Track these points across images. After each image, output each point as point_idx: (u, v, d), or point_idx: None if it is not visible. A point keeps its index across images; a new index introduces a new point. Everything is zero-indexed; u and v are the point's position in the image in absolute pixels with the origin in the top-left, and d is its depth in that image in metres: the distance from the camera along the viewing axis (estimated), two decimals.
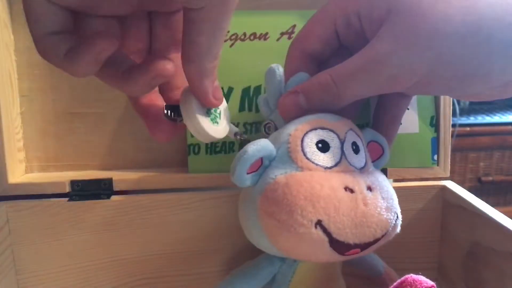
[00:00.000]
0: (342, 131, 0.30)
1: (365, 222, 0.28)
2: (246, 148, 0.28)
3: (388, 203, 0.29)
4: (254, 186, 0.30)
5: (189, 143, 0.44)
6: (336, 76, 0.30)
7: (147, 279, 0.43)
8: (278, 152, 0.30)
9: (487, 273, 0.39)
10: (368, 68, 0.29)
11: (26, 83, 0.43)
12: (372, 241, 0.29)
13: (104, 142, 0.45)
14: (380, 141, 0.34)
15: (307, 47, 0.33)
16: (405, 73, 0.28)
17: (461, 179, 1.37)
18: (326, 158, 0.29)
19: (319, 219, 0.27)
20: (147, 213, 0.42)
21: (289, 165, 0.29)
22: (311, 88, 0.31)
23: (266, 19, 0.44)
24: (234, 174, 0.29)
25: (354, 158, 0.30)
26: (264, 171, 0.30)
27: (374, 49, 0.29)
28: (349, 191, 0.28)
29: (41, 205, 0.41)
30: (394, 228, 0.30)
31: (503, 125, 1.34)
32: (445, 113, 0.46)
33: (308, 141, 0.29)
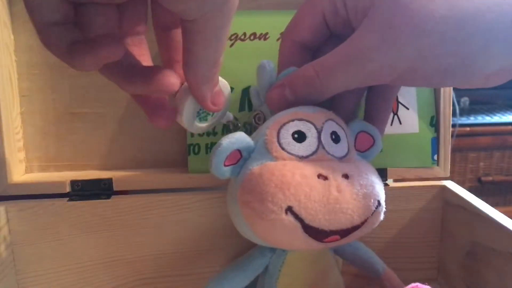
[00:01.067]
0: (319, 121, 0.31)
1: (339, 208, 0.28)
2: (220, 141, 0.30)
3: (367, 189, 0.29)
4: (236, 178, 0.31)
5: (189, 143, 0.44)
6: (319, 69, 0.30)
7: (147, 279, 0.43)
8: (257, 145, 0.31)
9: (487, 273, 0.39)
10: (349, 63, 0.29)
11: (26, 83, 0.43)
12: (350, 228, 0.29)
13: (104, 142, 0.45)
14: (370, 131, 0.34)
15: (298, 37, 0.34)
16: (386, 68, 0.29)
17: (461, 179, 1.37)
18: (302, 148, 0.30)
19: (289, 205, 0.27)
20: (147, 213, 0.42)
21: (265, 156, 0.30)
22: (296, 81, 0.31)
23: (266, 19, 0.44)
24: (211, 167, 0.30)
25: (333, 147, 0.30)
26: (244, 164, 0.31)
27: (355, 43, 0.29)
28: (322, 178, 0.28)
29: (41, 205, 0.41)
30: (376, 215, 0.30)
31: (503, 125, 1.34)
32: (445, 113, 0.46)
33: (284, 132, 0.30)
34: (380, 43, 0.28)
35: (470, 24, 0.27)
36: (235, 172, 0.31)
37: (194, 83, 0.28)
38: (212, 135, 0.43)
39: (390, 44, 0.28)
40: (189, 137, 0.44)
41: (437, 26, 0.27)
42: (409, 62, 0.28)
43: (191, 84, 0.28)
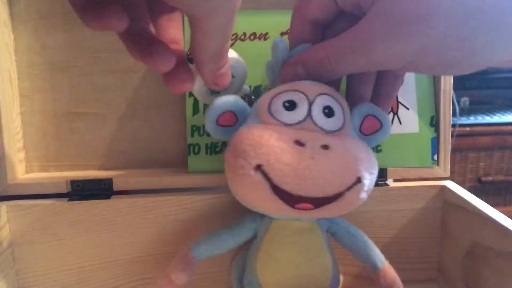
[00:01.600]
0: (313, 93, 0.31)
1: (309, 175, 0.28)
2: (215, 100, 0.32)
3: (348, 165, 0.29)
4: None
5: (189, 143, 0.44)
6: (329, 52, 0.31)
7: (147, 279, 0.43)
8: (252, 111, 0.32)
9: (487, 273, 0.39)
10: (355, 51, 0.30)
11: (26, 83, 0.43)
12: (321, 197, 0.29)
13: (104, 142, 0.45)
14: (378, 115, 0.34)
15: (308, 15, 0.34)
16: (390, 59, 0.29)
17: (461, 179, 1.37)
18: (289, 116, 0.31)
19: (258, 163, 0.28)
20: (147, 213, 0.42)
21: (254, 120, 0.32)
22: (308, 60, 0.32)
23: (266, 19, 0.44)
24: (206, 125, 0.32)
25: (323, 120, 0.31)
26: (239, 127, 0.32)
27: (361, 32, 0.29)
28: (298, 144, 0.29)
29: (41, 205, 0.41)
30: (354, 192, 0.30)
31: (503, 125, 1.34)
32: (445, 113, 0.46)
33: (277, 100, 0.31)
34: (385, 34, 0.28)
35: (474, 19, 0.27)
36: (230, 134, 0.32)
37: (199, 67, 0.29)
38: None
39: (395, 36, 0.28)
40: (189, 137, 0.44)
41: (441, 21, 0.27)
42: (413, 54, 0.28)
43: (197, 66, 0.29)
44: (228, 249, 0.37)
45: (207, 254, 0.36)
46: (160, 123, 0.46)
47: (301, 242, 0.35)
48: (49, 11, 0.42)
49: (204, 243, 0.36)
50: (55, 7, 0.42)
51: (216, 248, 0.36)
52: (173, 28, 0.30)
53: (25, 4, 0.42)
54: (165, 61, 0.26)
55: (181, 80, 0.29)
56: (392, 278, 0.37)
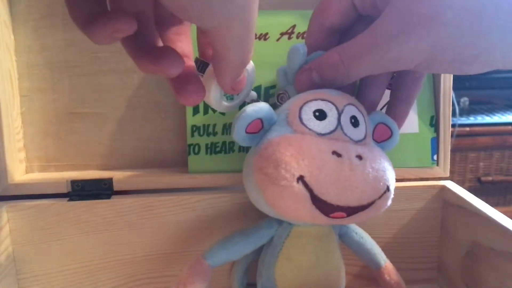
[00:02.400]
0: (341, 104, 0.32)
1: (349, 186, 0.29)
2: (245, 108, 0.31)
3: (378, 173, 0.30)
4: (254, 148, 0.32)
5: (189, 143, 0.44)
6: (343, 55, 0.31)
7: (147, 279, 0.43)
8: (279, 118, 0.32)
9: (487, 273, 0.39)
10: (369, 52, 0.30)
11: (26, 83, 0.43)
12: (356, 206, 0.30)
13: (104, 142, 0.45)
14: (389, 123, 0.35)
15: (326, 21, 0.34)
16: (406, 57, 0.29)
17: (461, 179, 1.37)
18: (321, 125, 0.31)
19: (301, 174, 0.28)
20: (147, 213, 0.42)
21: (285, 128, 0.31)
22: (323, 65, 0.32)
23: (266, 19, 0.44)
24: (233, 132, 0.31)
25: (351, 130, 0.31)
26: (264, 134, 0.32)
27: (375, 32, 0.29)
28: (336, 155, 0.29)
29: (41, 205, 0.41)
30: (383, 200, 0.31)
31: (503, 125, 1.34)
32: (445, 113, 0.46)
33: (306, 109, 0.31)
34: (398, 33, 0.28)
35: (487, 16, 0.27)
36: (254, 141, 0.32)
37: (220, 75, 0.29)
38: (212, 135, 0.43)
39: (408, 34, 0.28)
40: (189, 137, 0.44)
41: (455, 18, 0.27)
42: (426, 52, 0.28)
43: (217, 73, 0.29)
44: (244, 255, 0.36)
45: (222, 261, 0.36)
46: (160, 123, 0.46)
47: (320, 246, 0.36)
48: (49, 11, 0.42)
49: (219, 250, 0.35)
50: (55, 7, 0.42)
51: (232, 254, 0.36)
52: (181, 43, 0.30)
53: (25, 4, 0.42)
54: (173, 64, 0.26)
55: (192, 91, 0.29)
56: (396, 274, 0.39)
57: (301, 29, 0.44)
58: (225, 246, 0.36)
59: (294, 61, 0.34)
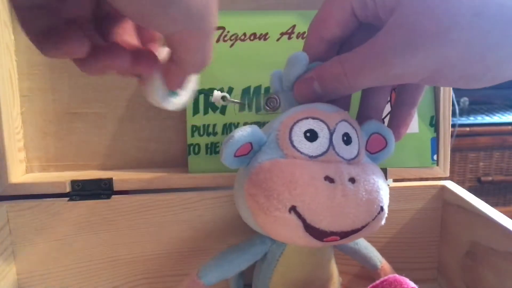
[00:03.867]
0: (333, 122, 0.31)
1: (342, 212, 0.29)
2: (233, 133, 0.30)
3: (371, 195, 0.30)
4: (245, 169, 0.32)
5: (189, 143, 0.44)
6: (346, 67, 0.30)
7: (147, 279, 0.43)
8: (269, 138, 0.31)
9: (486, 273, 0.39)
10: (374, 65, 0.29)
11: (26, 83, 0.43)
12: (350, 230, 0.29)
13: (104, 142, 0.45)
14: (384, 134, 0.34)
15: (326, 33, 0.33)
16: (410, 73, 0.28)
17: (461, 179, 1.37)
18: (313, 147, 0.30)
19: (293, 204, 0.28)
20: (147, 213, 0.42)
21: (276, 151, 0.30)
22: (324, 75, 0.31)
23: (266, 19, 0.44)
24: (222, 157, 0.30)
25: (343, 149, 0.31)
26: (254, 155, 0.31)
27: (378, 44, 0.28)
28: (329, 180, 0.29)
29: (41, 205, 0.41)
30: (377, 221, 0.31)
31: (503, 125, 1.34)
32: (444, 113, 0.46)
33: (297, 129, 0.30)
34: (402, 48, 0.27)
35: (497, 32, 0.26)
36: (244, 163, 0.32)
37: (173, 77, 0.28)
38: (212, 135, 0.43)
39: (413, 50, 0.27)
40: (189, 137, 0.44)
41: (463, 35, 0.26)
42: (432, 68, 0.27)
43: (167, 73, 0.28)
44: (238, 272, 0.36)
45: (216, 279, 0.35)
46: (160, 123, 0.46)
47: (315, 260, 0.35)
48: None
49: (213, 269, 0.35)
50: None
51: (226, 273, 0.35)
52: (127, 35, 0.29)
53: None
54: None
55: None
56: (392, 273, 0.39)
57: (301, 29, 0.44)
58: (219, 265, 0.35)
59: (294, 70, 0.33)
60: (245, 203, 0.31)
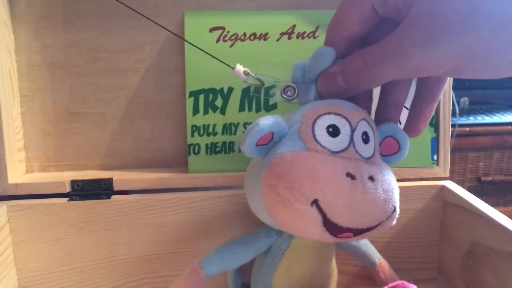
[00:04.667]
0: (354, 120, 0.31)
1: (361, 209, 0.29)
2: (258, 121, 0.29)
3: (387, 195, 0.30)
4: (262, 159, 0.31)
5: (189, 143, 0.44)
6: (367, 59, 0.30)
7: (147, 279, 0.43)
8: (290, 130, 0.31)
9: (486, 273, 0.39)
10: (392, 58, 0.28)
11: (27, 83, 0.43)
12: (365, 228, 0.30)
13: (104, 142, 0.45)
14: (399, 138, 0.34)
15: (346, 32, 0.32)
16: (431, 65, 0.27)
17: (461, 179, 1.37)
18: (334, 143, 0.30)
19: (316, 198, 0.28)
20: (147, 213, 0.42)
21: (298, 143, 0.30)
22: (347, 69, 0.31)
23: (266, 19, 0.44)
24: (243, 144, 0.30)
25: (362, 147, 0.31)
26: (274, 146, 0.31)
27: (398, 37, 0.28)
28: (350, 177, 0.29)
29: (41, 205, 0.41)
30: (389, 219, 0.31)
31: (503, 125, 1.34)
32: (444, 113, 0.46)
33: (319, 123, 0.30)
34: (423, 40, 0.26)
35: None
36: (263, 153, 0.31)
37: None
38: (212, 135, 0.43)
39: (433, 40, 0.26)
40: (189, 137, 0.44)
41: (487, 23, 0.25)
42: (455, 60, 0.27)
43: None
44: (241, 264, 0.35)
45: (219, 271, 0.35)
46: (160, 123, 0.46)
47: (319, 256, 0.36)
48: (49, 11, 0.42)
49: (216, 260, 0.34)
50: (55, 7, 0.42)
51: (229, 265, 0.35)
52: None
53: (25, 4, 0.42)
54: None
55: None
56: (390, 270, 0.40)
57: (301, 29, 0.44)
58: (222, 257, 0.35)
59: (319, 63, 0.32)
60: (260, 195, 0.30)
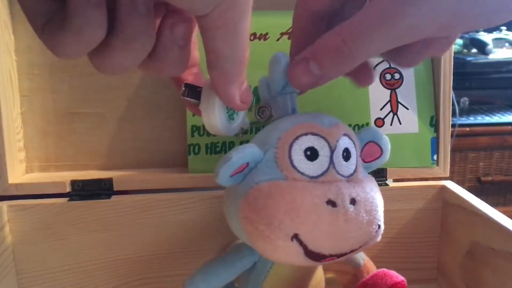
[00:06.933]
0: (334, 139, 0.30)
1: (343, 236, 0.28)
2: (231, 154, 0.28)
3: (371, 216, 0.29)
4: (238, 186, 0.30)
5: (189, 143, 0.44)
6: (347, 36, 0.27)
7: (147, 279, 0.43)
8: (266, 155, 0.30)
9: (486, 273, 0.39)
10: (382, 23, 0.25)
11: (26, 83, 0.43)
12: (348, 251, 0.29)
13: (104, 142, 0.45)
14: (379, 142, 0.33)
15: (314, 6, 0.30)
16: (425, 21, 0.25)
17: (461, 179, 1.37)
18: (313, 167, 0.29)
19: (296, 232, 0.27)
20: (147, 213, 0.42)
21: (274, 171, 0.29)
22: (321, 52, 0.28)
23: (266, 19, 0.44)
24: (217, 177, 0.29)
25: (343, 166, 0.30)
26: (250, 172, 0.30)
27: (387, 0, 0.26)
28: (331, 204, 0.28)
29: (41, 205, 0.41)
30: (374, 238, 0.30)
31: (503, 125, 1.34)
32: (444, 113, 0.46)
33: (296, 147, 0.29)
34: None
35: None
36: (238, 180, 0.30)
37: (221, 83, 0.26)
38: (212, 135, 0.43)
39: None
40: (189, 137, 0.44)
41: None
42: (452, 9, 0.25)
43: (217, 85, 0.26)
44: (226, 283, 0.35)
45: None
46: (160, 123, 0.46)
47: (306, 268, 0.35)
48: None
49: (200, 282, 0.33)
50: None
51: (213, 285, 0.34)
52: None
53: None
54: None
55: None
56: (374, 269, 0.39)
57: None
58: (207, 279, 0.34)
59: (276, 72, 0.31)
60: (238, 223, 0.30)
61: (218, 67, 0.25)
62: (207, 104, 0.29)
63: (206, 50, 0.24)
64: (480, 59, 1.40)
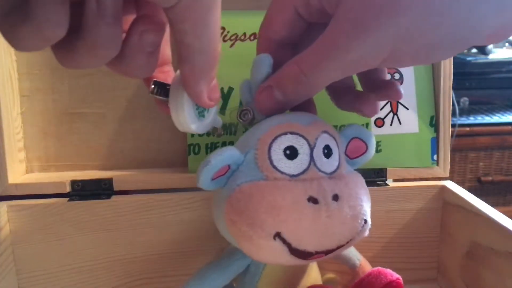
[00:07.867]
0: (313, 136, 0.30)
1: (327, 233, 0.28)
2: (210, 157, 0.28)
3: (355, 211, 0.29)
4: (222, 189, 0.30)
5: (189, 143, 0.44)
6: (302, 65, 0.29)
7: (147, 279, 0.43)
8: (246, 157, 0.30)
9: (486, 273, 0.39)
10: (329, 56, 0.27)
11: (26, 83, 0.43)
12: (335, 248, 0.29)
13: (104, 142, 0.45)
14: (364, 138, 0.33)
15: (273, 35, 0.32)
16: (368, 56, 0.27)
17: (461, 179, 1.37)
18: (293, 166, 0.29)
19: (277, 231, 0.27)
20: (147, 213, 0.42)
21: (255, 172, 0.29)
22: (283, 80, 0.30)
23: None
24: (198, 181, 0.29)
25: (324, 163, 0.30)
26: (232, 175, 0.30)
27: (331, 34, 0.27)
28: (312, 201, 0.28)
29: (41, 205, 0.41)
30: (360, 233, 0.30)
31: (503, 125, 1.34)
32: (444, 113, 0.46)
33: (275, 147, 0.29)
34: (356, 31, 0.26)
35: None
36: (222, 183, 0.30)
37: (191, 78, 0.26)
38: (212, 135, 0.43)
39: (367, 30, 0.26)
40: (189, 137, 0.44)
41: (416, 2, 0.25)
42: (391, 44, 0.26)
43: (187, 80, 0.26)
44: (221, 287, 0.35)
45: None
46: (160, 123, 0.46)
47: (300, 268, 0.35)
48: None
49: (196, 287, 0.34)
50: None
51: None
52: None
53: None
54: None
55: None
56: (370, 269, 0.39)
57: None
58: (202, 284, 0.33)
59: (259, 73, 0.31)
60: (225, 226, 0.30)
61: (189, 61, 0.25)
62: (176, 100, 0.28)
63: (177, 45, 0.24)
64: (480, 59, 1.40)
